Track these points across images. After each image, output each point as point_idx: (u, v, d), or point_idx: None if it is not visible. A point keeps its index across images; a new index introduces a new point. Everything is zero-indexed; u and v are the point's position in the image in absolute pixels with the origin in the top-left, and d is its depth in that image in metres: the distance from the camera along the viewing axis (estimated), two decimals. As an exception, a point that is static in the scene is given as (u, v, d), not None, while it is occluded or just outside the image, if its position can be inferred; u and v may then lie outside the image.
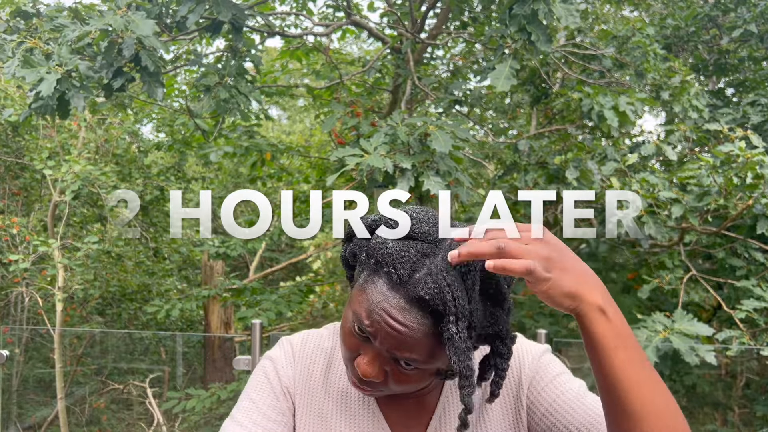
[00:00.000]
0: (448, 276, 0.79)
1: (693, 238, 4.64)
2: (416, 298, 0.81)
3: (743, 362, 5.24)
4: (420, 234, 0.84)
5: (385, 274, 0.83)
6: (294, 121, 13.10)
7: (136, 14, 2.76)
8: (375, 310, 0.83)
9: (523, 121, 6.26)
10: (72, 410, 5.52)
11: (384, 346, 0.84)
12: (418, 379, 0.89)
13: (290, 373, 1.04)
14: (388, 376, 0.89)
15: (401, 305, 0.81)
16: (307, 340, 1.08)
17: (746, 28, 5.26)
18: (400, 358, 0.85)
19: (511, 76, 3.01)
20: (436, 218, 0.87)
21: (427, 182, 2.85)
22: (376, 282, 0.84)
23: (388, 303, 0.82)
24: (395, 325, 0.81)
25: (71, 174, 5.26)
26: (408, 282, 0.81)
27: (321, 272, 7.78)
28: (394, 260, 0.82)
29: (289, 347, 1.07)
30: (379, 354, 0.87)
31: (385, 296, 0.82)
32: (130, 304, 6.86)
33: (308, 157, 6.50)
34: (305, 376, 1.04)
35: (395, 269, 0.81)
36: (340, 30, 5.46)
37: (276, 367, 1.05)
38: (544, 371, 1.01)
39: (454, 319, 0.78)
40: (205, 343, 6.53)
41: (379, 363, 0.87)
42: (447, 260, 0.80)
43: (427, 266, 0.81)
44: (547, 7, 2.76)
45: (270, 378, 1.04)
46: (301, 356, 1.06)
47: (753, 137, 3.97)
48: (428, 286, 0.79)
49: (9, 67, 2.66)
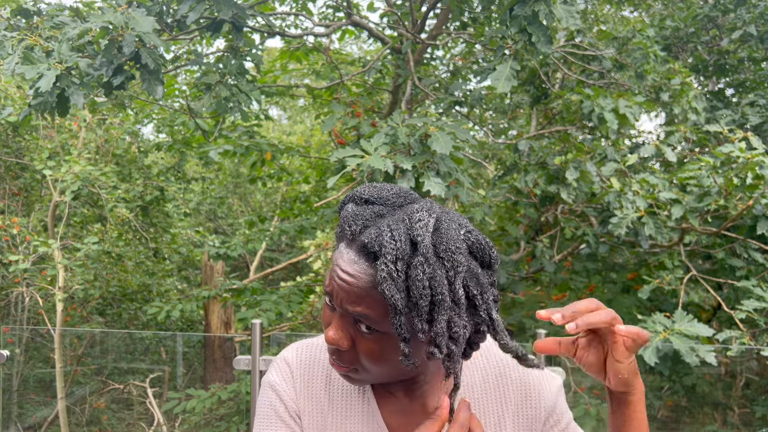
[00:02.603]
0: (393, 225, 0.82)
1: (693, 239, 4.64)
2: (362, 246, 0.84)
3: (743, 362, 5.24)
4: (379, 198, 0.88)
5: (344, 235, 0.87)
6: (294, 121, 13.11)
7: (137, 11, 2.76)
8: (332, 268, 0.87)
9: (522, 122, 6.27)
10: (72, 410, 5.51)
11: (338, 302, 0.86)
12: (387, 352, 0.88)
13: (293, 394, 1.03)
14: (355, 346, 0.89)
15: (351, 258, 0.85)
16: (302, 352, 1.06)
17: (746, 30, 5.27)
18: (353, 315, 0.86)
19: (512, 77, 3.01)
20: (399, 189, 0.91)
21: (428, 183, 2.85)
22: (339, 246, 0.88)
23: (342, 259, 0.86)
24: (344, 275, 0.84)
25: (71, 174, 5.26)
26: (359, 237, 0.85)
27: (321, 272, 7.77)
28: (349, 219, 0.86)
29: (285, 366, 1.05)
30: (342, 318, 0.89)
31: (341, 253, 0.86)
32: (130, 304, 6.86)
33: (308, 157, 6.51)
34: (307, 392, 1.03)
35: (349, 226, 0.86)
36: (339, 30, 5.47)
37: (278, 394, 1.03)
38: (559, 415, 1.04)
39: (392, 258, 0.79)
40: (205, 343, 6.53)
41: (344, 329, 0.89)
42: (400, 217, 0.83)
43: (379, 222, 0.85)
44: (548, 8, 2.77)
45: (277, 409, 1.02)
46: (299, 372, 1.04)
47: (753, 139, 3.97)
48: (371, 233, 0.83)
49: (9, 64, 2.66)
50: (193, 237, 8.51)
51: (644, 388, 0.91)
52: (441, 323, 0.81)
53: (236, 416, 5.02)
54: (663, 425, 5.32)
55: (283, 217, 7.01)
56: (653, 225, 3.79)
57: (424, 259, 0.80)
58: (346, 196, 0.92)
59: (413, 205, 0.86)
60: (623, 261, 6.03)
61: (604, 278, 5.92)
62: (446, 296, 0.81)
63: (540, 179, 4.44)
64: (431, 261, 0.80)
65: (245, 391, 4.60)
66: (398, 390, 1.01)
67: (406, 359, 0.84)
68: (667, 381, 5.29)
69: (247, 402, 4.51)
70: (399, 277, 0.79)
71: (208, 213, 9.87)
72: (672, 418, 5.44)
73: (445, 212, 0.87)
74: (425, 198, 0.92)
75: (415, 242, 0.81)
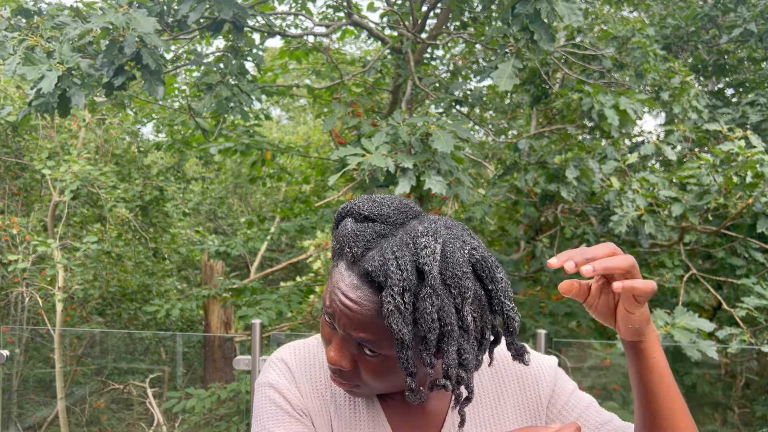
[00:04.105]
0: (398, 251, 0.79)
1: (693, 238, 4.64)
2: (365, 273, 0.81)
3: (743, 362, 5.25)
4: (379, 216, 0.85)
5: (344, 255, 0.84)
6: (297, 122, 13.11)
7: (138, 12, 2.76)
8: (333, 290, 0.85)
9: (522, 121, 6.27)
10: (72, 410, 5.51)
11: (340, 326, 0.84)
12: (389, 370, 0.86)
13: (297, 393, 0.97)
14: (358, 366, 0.88)
15: (354, 283, 0.82)
16: (299, 352, 1.02)
17: (746, 27, 5.27)
18: (356, 340, 0.84)
19: (514, 76, 3.01)
20: (399, 202, 0.87)
21: (429, 182, 2.85)
22: (338, 264, 0.86)
23: (343, 282, 0.83)
24: (346, 302, 0.82)
25: (70, 174, 5.26)
26: (361, 260, 0.82)
27: (321, 272, 7.77)
28: (349, 240, 0.83)
29: (283, 366, 0.99)
30: (343, 340, 0.87)
31: (342, 276, 0.84)
32: (130, 304, 6.86)
33: (308, 157, 6.51)
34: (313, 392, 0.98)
35: (350, 248, 0.83)
36: (339, 30, 5.47)
37: (280, 392, 0.96)
38: (560, 392, 1.02)
39: (398, 290, 0.76)
40: (205, 343, 6.52)
41: (346, 350, 0.87)
42: (404, 240, 0.80)
43: (382, 245, 0.82)
44: (550, 6, 2.77)
45: (282, 405, 0.95)
46: (301, 372, 0.99)
47: (752, 137, 3.98)
48: (375, 260, 0.80)
49: (10, 65, 2.66)
50: (193, 237, 8.51)
51: (658, 335, 0.88)
52: (451, 354, 0.79)
53: (236, 416, 5.02)
54: (663, 425, 5.31)
55: (283, 216, 7.02)
56: (653, 223, 3.79)
57: (432, 291, 0.77)
58: (342, 208, 0.89)
59: (417, 227, 0.82)
60: (623, 260, 6.02)
61: (604, 278, 5.90)
62: (455, 325, 0.78)
63: (540, 178, 4.43)
64: (439, 292, 0.78)
65: (245, 391, 4.60)
66: (399, 394, 1.00)
67: (413, 395, 0.82)
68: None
69: (247, 402, 4.51)
70: (407, 309, 0.77)
71: (208, 213, 9.86)
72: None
73: (447, 228, 0.83)
74: (426, 215, 0.89)
75: (421, 271, 0.78)
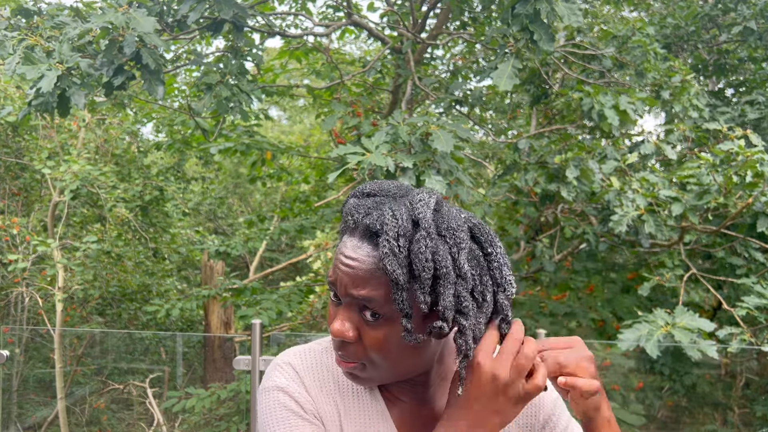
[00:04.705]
0: (395, 207, 0.82)
1: (693, 238, 4.64)
2: (365, 230, 0.84)
3: (743, 362, 5.25)
4: (380, 191, 0.90)
5: (347, 226, 0.88)
6: (294, 122, 13.11)
7: (138, 12, 2.76)
8: (335, 259, 0.88)
9: (522, 121, 6.27)
10: (72, 410, 5.51)
11: (342, 290, 0.86)
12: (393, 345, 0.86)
13: (307, 396, 0.95)
14: (361, 339, 0.88)
15: (354, 243, 0.85)
16: (305, 356, 1.00)
17: (746, 26, 5.27)
18: (358, 299, 0.85)
19: (514, 75, 3.02)
20: (400, 183, 0.92)
21: (429, 181, 2.85)
22: (342, 238, 0.89)
23: (345, 247, 0.86)
24: (347, 261, 0.85)
25: (70, 174, 5.26)
26: (361, 223, 0.85)
27: (321, 272, 7.77)
28: (351, 210, 0.87)
29: (291, 370, 0.98)
30: (346, 308, 0.88)
31: (344, 243, 0.87)
32: (130, 304, 6.85)
33: (308, 157, 6.51)
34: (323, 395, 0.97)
35: (351, 216, 0.87)
36: (339, 30, 5.47)
37: (290, 394, 0.94)
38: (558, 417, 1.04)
39: (393, 235, 0.79)
40: (205, 343, 6.52)
41: (348, 319, 0.88)
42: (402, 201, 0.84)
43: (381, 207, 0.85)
44: (550, 6, 2.77)
45: (293, 408, 0.94)
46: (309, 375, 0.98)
47: (752, 136, 3.98)
48: (373, 216, 0.84)
49: (10, 64, 2.66)
50: (193, 237, 8.51)
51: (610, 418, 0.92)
52: (448, 296, 0.80)
53: (236, 416, 5.02)
54: (663, 425, 5.32)
55: (283, 216, 7.02)
56: (653, 223, 3.79)
57: (426, 234, 0.80)
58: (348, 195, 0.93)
59: (415, 192, 0.88)
60: (623, 261, 6.04)
61: (604, 278, 5.93)
62: (450, 270, 0.80)
63: (540, 178, 4.43)
64: (433, 236, 0.80)
65: (245, 391, 4.60)
66: (406, 395, 0.99)
67: (408, 335, 0.83)
68: (668, 381, 5.29)
69: (247, 402, 4.50)
70: (401, 252, 0.80)
71: (208, 213, 9.86)
72: (672, 418, 5.44)
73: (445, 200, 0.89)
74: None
75: (416, 220, 0.82)
